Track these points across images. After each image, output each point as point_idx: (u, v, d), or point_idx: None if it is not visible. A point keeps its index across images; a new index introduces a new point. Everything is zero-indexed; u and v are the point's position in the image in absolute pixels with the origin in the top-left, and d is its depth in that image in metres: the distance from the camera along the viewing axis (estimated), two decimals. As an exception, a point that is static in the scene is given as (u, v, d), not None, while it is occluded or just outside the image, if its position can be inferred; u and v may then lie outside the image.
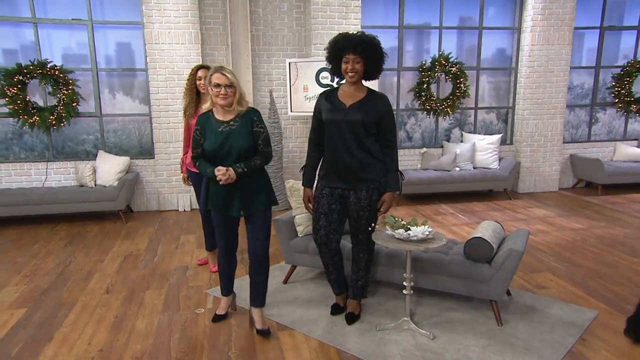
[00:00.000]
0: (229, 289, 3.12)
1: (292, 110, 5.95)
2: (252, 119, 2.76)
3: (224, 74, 2.66)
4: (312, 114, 2.97)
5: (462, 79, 6.65)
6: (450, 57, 6.64)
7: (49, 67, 5.58)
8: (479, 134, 6.92)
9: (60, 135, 5.94)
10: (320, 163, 2.98)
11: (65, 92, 5.65)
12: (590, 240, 4.68)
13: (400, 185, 2.89)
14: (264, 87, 6.28)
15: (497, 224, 3.33)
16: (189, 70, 3.79)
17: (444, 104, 6.71)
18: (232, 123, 2.74)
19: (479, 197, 6.64)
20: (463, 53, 6.88)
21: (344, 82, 2.85)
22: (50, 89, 5.70)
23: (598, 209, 5.92)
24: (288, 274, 3.69)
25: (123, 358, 2.69)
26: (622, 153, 7.13)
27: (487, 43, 6.88)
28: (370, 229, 2.87)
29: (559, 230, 5.03)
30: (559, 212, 5.82)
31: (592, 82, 7.23)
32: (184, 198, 6.10)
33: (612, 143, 7.31)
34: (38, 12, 5.61)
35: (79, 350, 2.77)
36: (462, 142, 6.88)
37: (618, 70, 7.17)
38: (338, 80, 5.50)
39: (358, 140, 2.77)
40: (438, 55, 6.62)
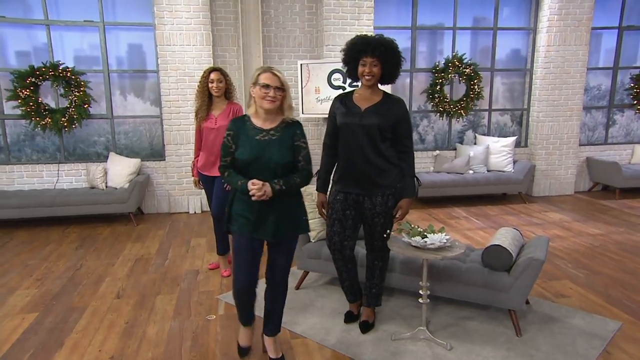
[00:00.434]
0: (251, 320, 2.70)
1: (303, 113, 5.88)
2: (294, 132, 2.42)
3: (275, 74, 2.33)
4: (324, 116, 2.91)
5: (476, 81, 6.55)
6: (464, 58, 6.53)
7: (61, 68, 5.59)
8: (493, 136, 6.80)
9: (72, 137, 5.95)
10: (335, 168, 2.91)
11: (77, 93, 5.65)
12: (610, 247, 4.55)
13: (417, 191, 2.82)
14: (275, 88, 6.22)
15: (516, 231, 3.24)
16: (200, 72, 3.76)
17: (458, 106, 6.61)
18: (272, 132, 2.39)
19: (493, 200, 6.52)
20: (477, 54, 6.77)
21: (359, 85, 2.79)
22: (62, 91, 5.71)
23: (616, 214, 5.77)
24: (300, 280, 3.63)
25: (134, 366, 2.65)
26: (640, 156, 6.98)
27: (501, 44, 6.76)
28: (386, 236, 2.80)
29: (577, 236, 4.91)
30: (576, 216, 5.69)
31: (609, 83, 7.07)
32: (195, 200, 6.07)
33: (630, 146, 7.15)
34: (51, 14, 5.62)
35: (90, 358, 2.73)
36: (475, 144, 6.77)
37: (637, 71, 7.01)
38: (350, 82, 5.48)
39: (373, 145, 2.70)
40: (452, 56, 6.53)
